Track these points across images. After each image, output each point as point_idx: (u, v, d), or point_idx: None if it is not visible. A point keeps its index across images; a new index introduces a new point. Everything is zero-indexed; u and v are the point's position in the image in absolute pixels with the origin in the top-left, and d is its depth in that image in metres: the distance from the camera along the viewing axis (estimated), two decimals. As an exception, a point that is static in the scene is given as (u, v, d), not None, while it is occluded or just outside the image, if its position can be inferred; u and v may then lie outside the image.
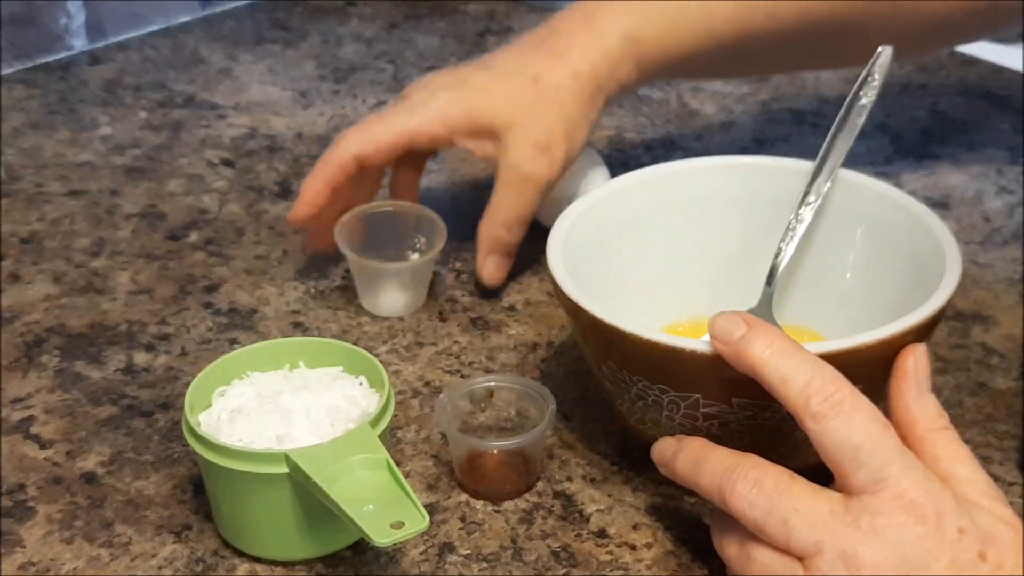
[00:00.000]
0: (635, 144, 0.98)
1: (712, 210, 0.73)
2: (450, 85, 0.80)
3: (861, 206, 0.70)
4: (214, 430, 0.62)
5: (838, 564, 0.53)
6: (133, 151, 0.98)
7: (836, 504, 0.55)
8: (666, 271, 0.73)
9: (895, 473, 0.54)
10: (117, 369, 0.75)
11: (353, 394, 0.64)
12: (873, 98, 0.71)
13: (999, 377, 0.74)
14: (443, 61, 1.11)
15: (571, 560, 0.62)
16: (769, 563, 0.55)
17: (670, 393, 0.61)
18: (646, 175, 0.73)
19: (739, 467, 0.56)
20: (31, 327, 0.79)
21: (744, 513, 0.56)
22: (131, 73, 1.10)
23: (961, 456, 0.57)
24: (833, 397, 0.55)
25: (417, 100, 0.79)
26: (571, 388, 0.73)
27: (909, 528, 0.53)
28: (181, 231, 0.89)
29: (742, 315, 0.58)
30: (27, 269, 0.85)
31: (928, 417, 0.58)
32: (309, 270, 0.84)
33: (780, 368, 0.56)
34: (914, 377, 0.58)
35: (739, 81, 1.06)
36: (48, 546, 0.64)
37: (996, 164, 0.94)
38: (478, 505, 0.66)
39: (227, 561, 0.63)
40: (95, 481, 0.67)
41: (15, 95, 1.06)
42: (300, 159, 0.97)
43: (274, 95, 1.06)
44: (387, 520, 0.56)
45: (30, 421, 0.72)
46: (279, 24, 1.19)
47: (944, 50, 1.06)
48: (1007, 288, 0.81)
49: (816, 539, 0.54)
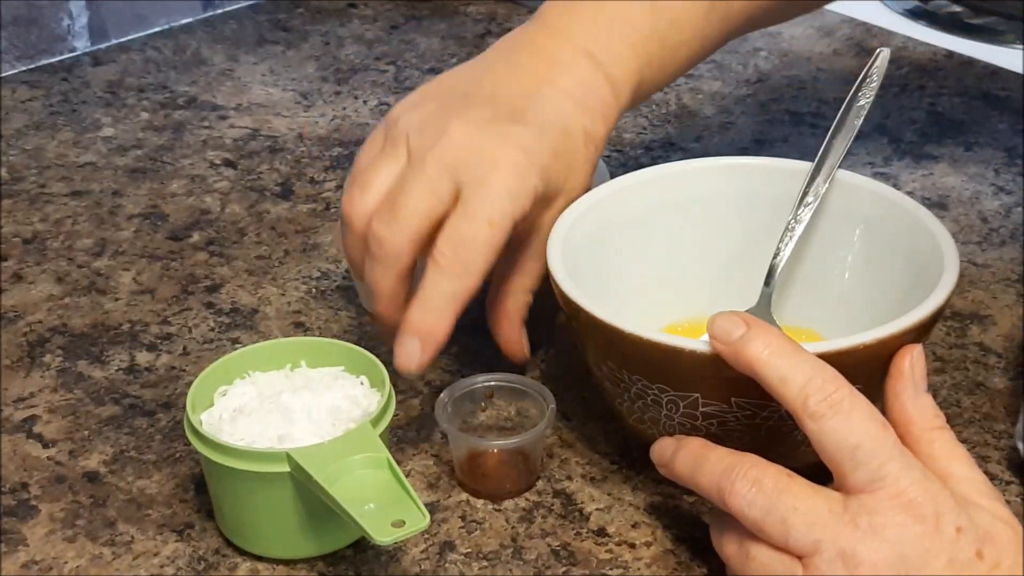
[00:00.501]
0: (635, 144, 0.98)
1: (711, 210, 0.73)
2: (503, 151, 0.65)
3: (859, 206, 0.70)
4: (216, 429, 0.62)
5: (837, 563, 0.54)
6: (135, 152, 0.99)
7: (835, 503, 0.55)
8: (666, 271, 0.73)
9: (893, 472, 0.54)
10: (119, 369, 0.76)
11: (354, 394, 0.64)
12: (871, 99, 0.71)
13: (996, 377, 0.74)
14: (444, 62, 1.12)
15: (571, 559, 0.63)
16: (768, 562, 0.56)
17: (669, 393, 0.61)
18: (646, 175, 0.73)
19: (738, 466, 0.57)
20: (34, 327, 0.79)
21: (743, 512, 0.56)
22: (133, 74, 1.10)
23: (957, 456, 0.57)
24: (832, 397, 0.55)
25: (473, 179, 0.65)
26: (571, 388, 0.73)
27: (907, 527, 0.54)
28: (183, 231, 0.89)
29: (741, 315, 0.58)
30: (30, 269, 0.85)
31: (924, 417, 0.58)
32: (310, 270, 0.84)
33: (779, 368, 0.56)
34: (911, 377, 0.59)
35: (738, 82, 1.06)
36: (51, 545, 0.64)
37: (994, 165, 0.95)
38: (478, 504, 0.66)
39: (229, 560, 0.63)
40: (97, 480, 0.68)
41: (18, 96, 1.07)
42: (301, 160, 0.97)
43: (275, 96, 1.07)
44: (388, 519, 0.57)
45: (33, 420, 0.72)
46: (280, 25, 1.19)
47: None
48: (1005, 288, 0.81)
49: (815, 538, 0.54)
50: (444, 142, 0.65)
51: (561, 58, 0.70)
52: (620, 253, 0.71)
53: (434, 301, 0.63)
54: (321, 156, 0.98)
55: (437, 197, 0.64)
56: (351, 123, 1.02)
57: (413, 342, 0.63)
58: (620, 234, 0.71)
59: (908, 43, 1.12)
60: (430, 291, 0.64)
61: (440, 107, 0.68)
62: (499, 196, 0.64)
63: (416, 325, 0.63)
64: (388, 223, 0.64)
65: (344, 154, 0.98)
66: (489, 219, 0.64)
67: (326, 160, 0.97)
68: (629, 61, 0.70)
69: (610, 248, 0.71)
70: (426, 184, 0.64)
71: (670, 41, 0.72)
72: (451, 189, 0.65)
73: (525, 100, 0.68)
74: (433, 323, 0.63)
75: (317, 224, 0.89)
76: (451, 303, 0.63)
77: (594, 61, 0.70)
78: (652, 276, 0.72)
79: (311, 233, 0.88)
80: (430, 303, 0.63)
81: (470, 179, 0.64)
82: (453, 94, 0.69)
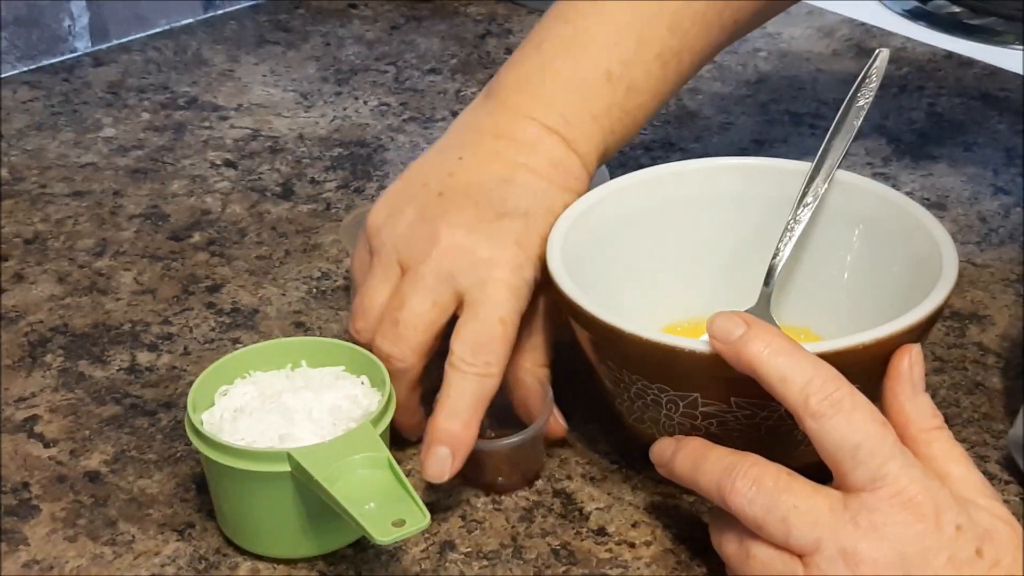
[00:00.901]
0: (634, 145, 0.99)
1: (711, 210, 0.73)
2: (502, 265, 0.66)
3: (859, 207, 0.71)
4: (217, 429, 0.62)
5: (837, 561, 0.54)
6: (136, 152, 0.99)
7: (835, 501, 0.55)
8: (666, 271, 0.73)
9: (894, 471, 0.54)
10: (120, 368, 0.76)
11: (355, 393, 0.64)
12: (870, 100, 0.72)
13: (995, 376, 0.74)
14: (444, 62, 1.12)
15: (571, 558, 0.63)
16: (768, 561, 0.56)
17: (669, 392, 0.61)
18: (646, 175, 0.73)
19: (738, 465, 0.57)
20: (35, 327, 0.79)
21: (743, 511, 0.56)
22: (134, 75, 1.10)
23: (955, 456, 0.57)
24: (832, 396, 0.55)
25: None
26: (571, 388, 0.73)
27: (908, 525, 0.54)
28: (184, 232, 0.89)
29: (741, 315, 0.58)
30: (31, 269, 0.85)
31: (923, 417, 0.58)
32: (311, 270, 0.84)
33: (779, 367, 0.56)
34: (909, 378, 0.59)
35: (738, 83, 1.07)
36: (52, 544, 0.64)
37: (993, 165, 0.95)
38: (479, 503, 0.66)
39: (229, 559, 0.63)
40: (98, 480, 0.68)
41: (19, 96, 1.07)
42: (302, 160, 0.97)
43: (276, 96, 1.07)
44: (388, 518, 0.57)
45: (34, 420, 0.72)
46: (281, 26, 1.19)
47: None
48: (1003, 288, 0.82)
49: (815, 536, 0.54)
50: (436, 253, 0.65)
51: (527, 139, 0.69)
52: (620, 253, 0.71)
53: (460, 407, 0.63)
54: (321, 156, 0.98)
55: (439, 308, 0.65)
56: (351, 123, 1.03)
57: (443, 451, 0.63)
58: (620, 234, 0.71)
59: (907, 43, 1.12)
60: (456, 398, 0.64)
61: (419, 213, 0.67)
62: (504, 295, 0.65)
63: (445, 434, 0.63)
64: (394, 341, 0.65)
65: (344, 154, 0.98)
66: (500, 318, 0.64)
67: (326, 160, 0.97)
68: (593, 134, 0.70)
69: (610, 248, 0.71)
70: (427, 296, 0.65)
71: (629, 106, 0.71)
72: (452, 296, 0.65)
73: (503, 189, 0.67)
74: (461, 430, 0.63)
75: (317, 224, 0.90)
76: (477, 405, 0.64)
77: (559, 138, 0.69)
78: (652, 276, 0.72)
79: (311, 233, 0.89)
80: (457, 410, 0.63)
81: (471, 283, 0.65)
82: (428, 194, 0.68)
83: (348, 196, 0.93)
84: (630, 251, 0.72)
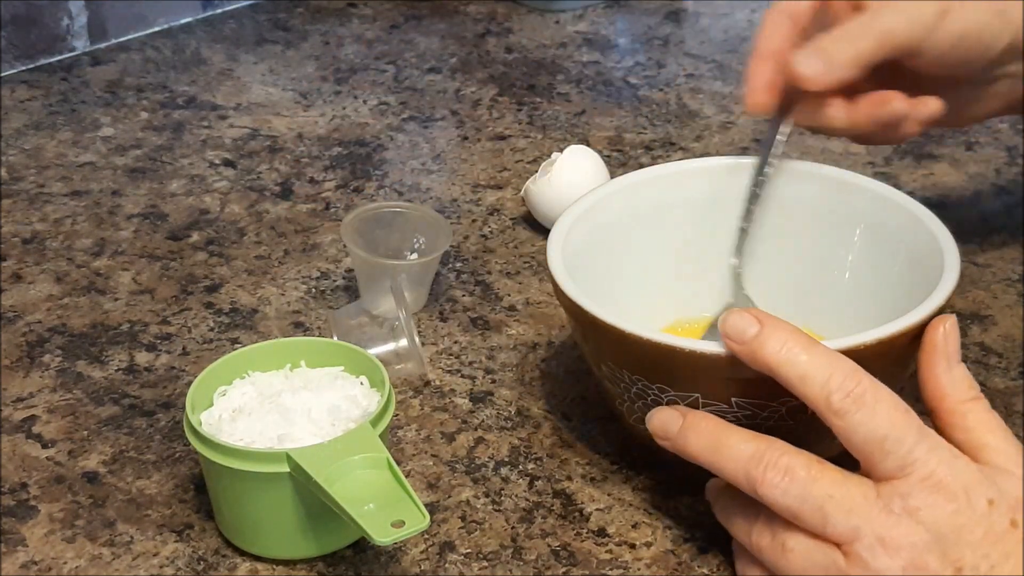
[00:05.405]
0: (635, 144, 0.98)
1: (712, 210, 0.73)
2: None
3: (860, 206, 0.70)
4: (215, 429, 0.62)
5: (877, 548, 0.54)
6: (135, 151, 0.99)
7: (868, 489, 0.55)
8: (666, 271, 0.73)
9: (921, 456, 0.55)
10: (119, 369, 0.76)
11: (354, 394, 0.64)
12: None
13: (997, 377, 0.74)
14: (444, 62, 1.12)
15: (571, 559, 0.63)
16: (807, 552, 0.56)
17: (669, 393, 0.61)
18: (646, 175, 0.73)
19: (766, 454, 0.56)
20: (33, 327, 0.79)
21: (777, 501, 0.56)
22: (132, 74, 1.10)
23: (992, 426, 0.57)
24: (854, 392, 0.55)
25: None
26: (571, 388, 0.73)
27: (940, 507, 0.54)
28: (182, 231, 0.89)
29: (753, 312, 0.58)
30: (29, 269, 0.85)
31: (959, 390, 0.58)
32: (310, 270, 0.84)
33: (798, 366, 0.56)
34: (943, 350, 0.59)
35: (738, 82, 1.06)
36: (50, 545, 0.64)
37: (994, 164, 0.95)
38: (478, 504, 0.66)
39: (228, 560, 0.63)
40: (97, 480, 0.68)
41: (17, 96, 1.07)
42: (301, 160, 0.97)
43: (275, 96, 1.07)
44: (388, 519, 0.57)
45: (32, 420, 0.72)
46: (280, 25, 1.19)
47: None
48: (1005, 288, 0.81)
49: (853, 524, 0.55)
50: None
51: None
52: (620, 253, 0.71)
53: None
54: (321, 156, 0.98)
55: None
56: (351, 123, 1.02)
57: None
58: (620, 234, 0.71)
59: (908, 43, 1.12)
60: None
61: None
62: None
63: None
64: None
65: (344, 154, 0.98)
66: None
67: (326, 160, 0.97)
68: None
69: (610, 248, 0.71)
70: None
71: None
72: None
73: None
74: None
75: (317, 224, 0.89)
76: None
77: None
78: (652, 276, 0.72)
79: (311, 233, 0.88)
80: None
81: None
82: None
83: (347, 195, 0.93)
84: (630, 251, 0.72)
